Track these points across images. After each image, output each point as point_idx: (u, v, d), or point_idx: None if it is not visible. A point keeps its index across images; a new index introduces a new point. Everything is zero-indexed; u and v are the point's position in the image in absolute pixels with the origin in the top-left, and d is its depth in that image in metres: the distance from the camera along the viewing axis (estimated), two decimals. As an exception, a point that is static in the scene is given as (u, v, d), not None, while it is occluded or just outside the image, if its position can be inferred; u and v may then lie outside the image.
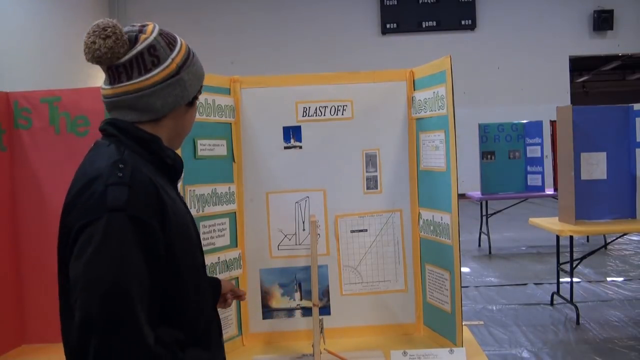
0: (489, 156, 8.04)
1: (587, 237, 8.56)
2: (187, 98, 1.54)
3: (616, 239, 7.51)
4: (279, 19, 15.11)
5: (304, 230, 2.63)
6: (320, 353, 2.27)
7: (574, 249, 5.44)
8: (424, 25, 15.05)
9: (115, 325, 1.27)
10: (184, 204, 1.61)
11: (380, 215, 2.66)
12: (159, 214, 1.38)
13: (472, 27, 15.12)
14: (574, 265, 5.30)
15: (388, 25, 15.11)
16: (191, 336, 1.48)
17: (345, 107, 2.63)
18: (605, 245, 7.80)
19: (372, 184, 2.65)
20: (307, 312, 2.61)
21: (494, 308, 5.71)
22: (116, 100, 1.48)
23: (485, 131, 8.05)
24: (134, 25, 1.51)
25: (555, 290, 5.73)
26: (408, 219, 2.67)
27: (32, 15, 10.88)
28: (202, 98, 2.39)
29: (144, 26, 1.51)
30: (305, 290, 2.62)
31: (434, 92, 2.44)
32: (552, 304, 5.71)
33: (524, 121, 8.22)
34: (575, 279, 5.83)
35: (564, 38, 15.07)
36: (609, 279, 6.70)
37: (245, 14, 15.03)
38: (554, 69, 15.07)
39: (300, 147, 2.64)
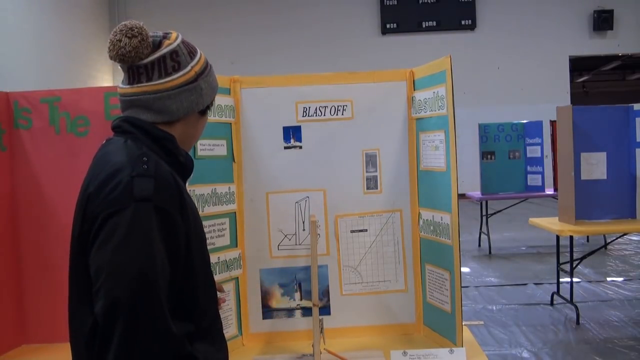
0: (489, 156, 8.04)
1: (587, 237, 8.57)
2: (202, 105, 1.59)
3: (616, 239, 7.51)
4: (279, 19, 15.11)
5: (304, 230, 2.63)
6: (320, 353, 2.27)
7: (574, 249, 5.44)
8: (424, 25, 15.06)
9: (142, 311, 1.29)
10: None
11: (380, 215, 2.66)
12: (180, 208, 1.42)
13: (472, 27, 15.13)
14: (574, 265, 5.30)
15: (388, 25, 15.11)
16: (198, 331, 1.51)
17: (345, 107, 2.63)
18: (605, 245, 7.80)
19: (372, 184, 2.65)
20: (307, 312, 2.61)
21: (494, 308, 5.71)
22: (133, 99, 1.53)
23: (485, 131, 8.05)
24: (157, 32, 1.56)
25: (555, 290, 5.73)
26: (408, 219, 2.66)
27: (31, 15, 10.88)
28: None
29: (168, 33, 1.56)
30: (305, 290, 2.62)
31: (434, 92, 2.44)
32: (552, 304, 5.71)
33: (524, 121, 8.21)
34: (575, 279, 5.83)
35: (564, 38, 15.08)
36: (609, 279, 6.70)
37: (245, 14, 15.03)
38: (554, 69, 15.08)
39: (300, 147, 2.64)
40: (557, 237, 5.44)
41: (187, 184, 1.70)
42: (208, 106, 1.64)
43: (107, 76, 14.14)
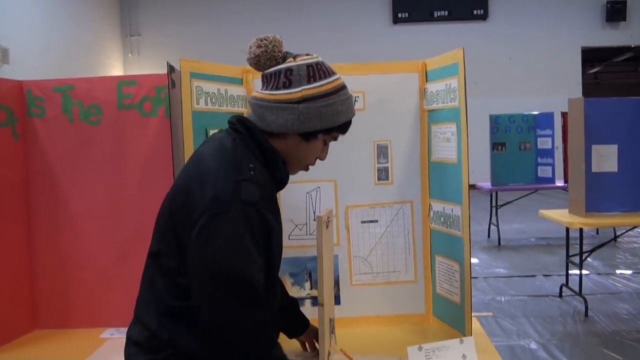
0: (499, 147, 8.01)
1: (597, 229, 8.53)
2: (298, 128, 1.66)
3: (626, 231, 7.49)
4: (290, 8, 15.06)
5: (314, 220, 2.64)
6: (329, 354, 2.28)
7: (584, 241, 5.42)
8: (435, 15, 14.97)
9: (241, 305, 1.53)
10: None
11: (391, 207, 2.66)
12: (273, 213, 1.61)
13: (484, 17, 15.04)
14: (583, 258, 5.29)
15: (399, 15, 15.04)
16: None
17: (357, 98, 2.63)
18: (615, 237, 7.76)
19: (383, 175, 2.66)
20: (316, 301, 2.62)
21: (503, 299, 5.71)
22: (249, 101, 1.73)
23: (496, 122, 8.02)
24: (297, 53, 1.73)
25: (564, 282, 5.72)
26: (419, 211, 2.67)
27: (43, 3, 10.91)
28: (214, 88, 2.40)
29: (304, 55, 1.72)
30: (315, 279, 2.64)
31: (446, 84, 2.43)
32: (560, 295, 5.71)
33: (535, 112, 8.18)
34: (584, 272, 5.82)
35: (576, 29, 14.96)
36: (618, 271, 6.68)
37: (255, 2, 14.98)
38: (566, 60, 14.98)
39: (312, 138, 2.64)
40: (567, 229, 5.42)
41: None
42: (313, 134, 1.71)
43: (118, 63, 14.15)
